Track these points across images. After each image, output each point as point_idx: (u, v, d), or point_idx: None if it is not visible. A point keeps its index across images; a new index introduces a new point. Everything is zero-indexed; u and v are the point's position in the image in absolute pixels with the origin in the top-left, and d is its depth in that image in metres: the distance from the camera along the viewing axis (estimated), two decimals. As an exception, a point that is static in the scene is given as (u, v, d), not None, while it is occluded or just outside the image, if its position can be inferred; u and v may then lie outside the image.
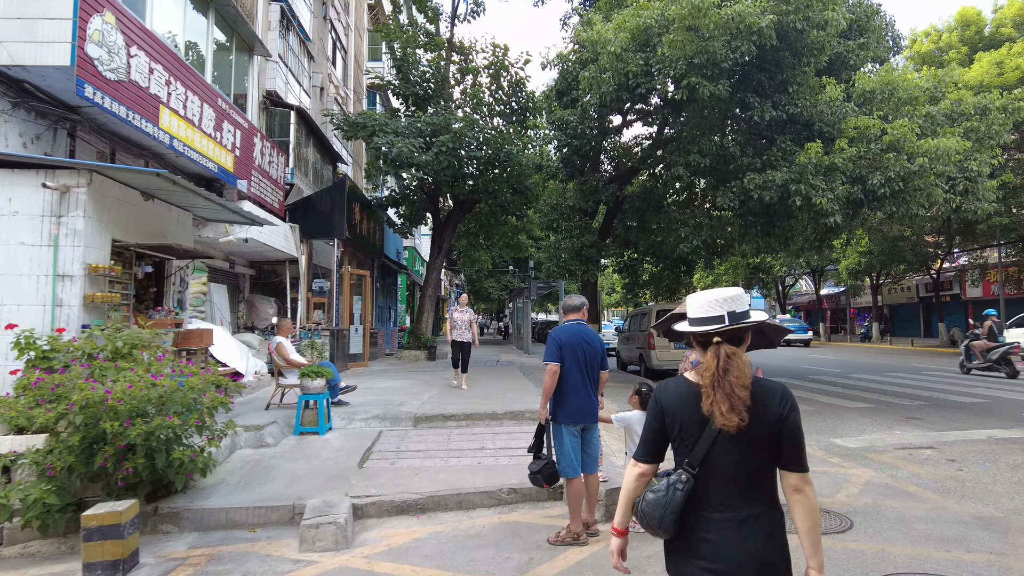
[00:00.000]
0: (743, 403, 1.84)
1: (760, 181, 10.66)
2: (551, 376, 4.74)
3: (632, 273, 23.08)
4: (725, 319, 1.95)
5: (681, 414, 1.98)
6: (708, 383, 1.89)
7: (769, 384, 1.95)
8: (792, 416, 1.90)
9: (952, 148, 10.03)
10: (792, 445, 1.89)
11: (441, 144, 16.16)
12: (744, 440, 1.88)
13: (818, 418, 9.89)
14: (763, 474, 1.93)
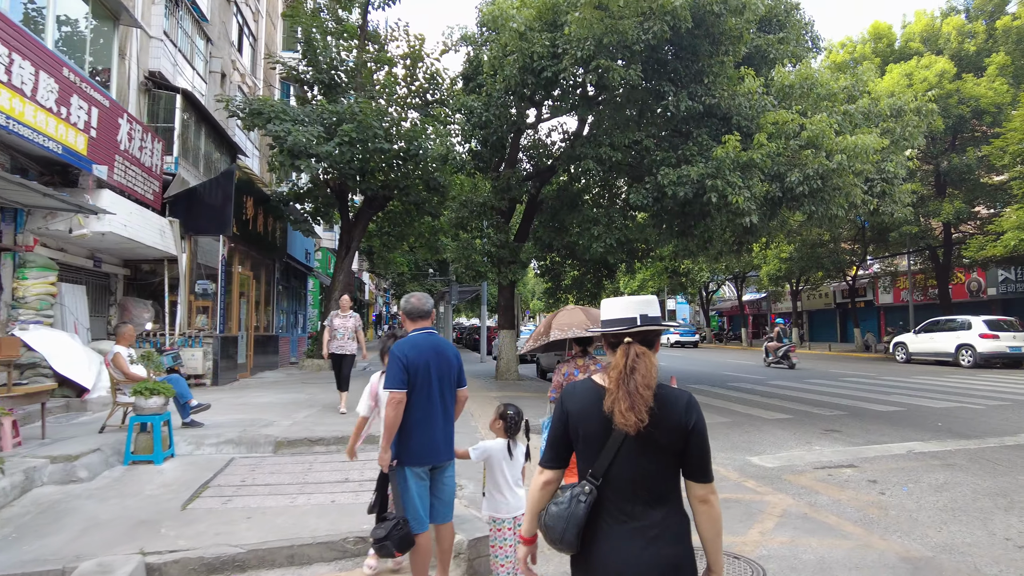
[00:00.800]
0: (645, 404, 1.80)
1: (675, 177, 9.94)
2: (395, 408, 3.56)
3: (554, 277, 22.32)
4: (637, 321, 1.96)
5: (585, 417, 1.93)
6: (614, 381, 1.87)
7: (676, 392, 1.93)
8: (699, 425, 1.89)
9: (870, 145, 9.60)
10: (699, 455, 1.88)
11: (344, 134, 14.83)
12: (649, 448, 1.85)
13: (735, 432, 9.19)
14: (668, 483, 1.89)
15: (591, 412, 1.91)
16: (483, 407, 11.12)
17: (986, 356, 19.81)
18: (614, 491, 1.88)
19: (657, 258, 19.14)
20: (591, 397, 1.94)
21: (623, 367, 1.86)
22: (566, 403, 2.00)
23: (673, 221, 11.46)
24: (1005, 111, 21.55)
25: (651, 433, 1.80)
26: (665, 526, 1.86)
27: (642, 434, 1.80)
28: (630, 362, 1.86)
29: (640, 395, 1.80)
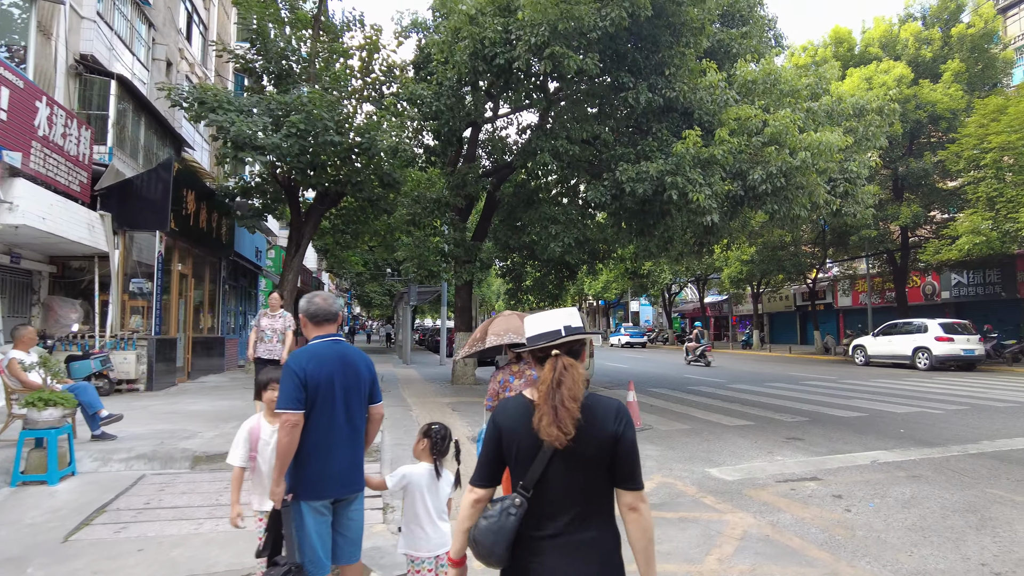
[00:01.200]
0: (571, 416, 1.78)
1: (634, 173, 9.51)
2: (289, 432, 2.92)
3: (516, 278, 21.83)
4: (562, 332, 1.96)
5: (518, 434, 1.89)
6: (542, 395, 1.84)
7: (605, 401, 1.91)
8: (628, 433, 1.87)
9: (834, 143, 9.32)
10: (628, 463, 1.86)
11: (292, 125, 14.07)
12: (579, 459, 1.82)
13: (694, 440, 8.78)
14: (599, 494, 1.87)
15: (522, 428, 1.87)
16: (433, 414, 10.52)
17: (941, 359, 19.97)
18: (545, 503, 1.85)
19: (618, 259, 18.74)
20: (522, 413, 1.90)
21: (550, 381, 1.85)
22: (498, 421, 1.96)
23: (632, 220, 11.03)
24: (960, 117, 21.82)
25: (580, 444, 1.79)
26: (596, 539, 1.85)
27: (572, 447, 1.78)
28: (557, 375, 1.85)
29: (566, 408, 1.79)
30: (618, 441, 1.83)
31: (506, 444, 1.91)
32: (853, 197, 11.06)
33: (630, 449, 1.85)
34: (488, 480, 1.96)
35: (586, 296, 62.60)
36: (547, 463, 1.83)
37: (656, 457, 7.77)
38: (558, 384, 1.83)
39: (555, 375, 1.85)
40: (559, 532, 1.83)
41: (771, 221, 10.71)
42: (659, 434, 9.29)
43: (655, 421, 10.43)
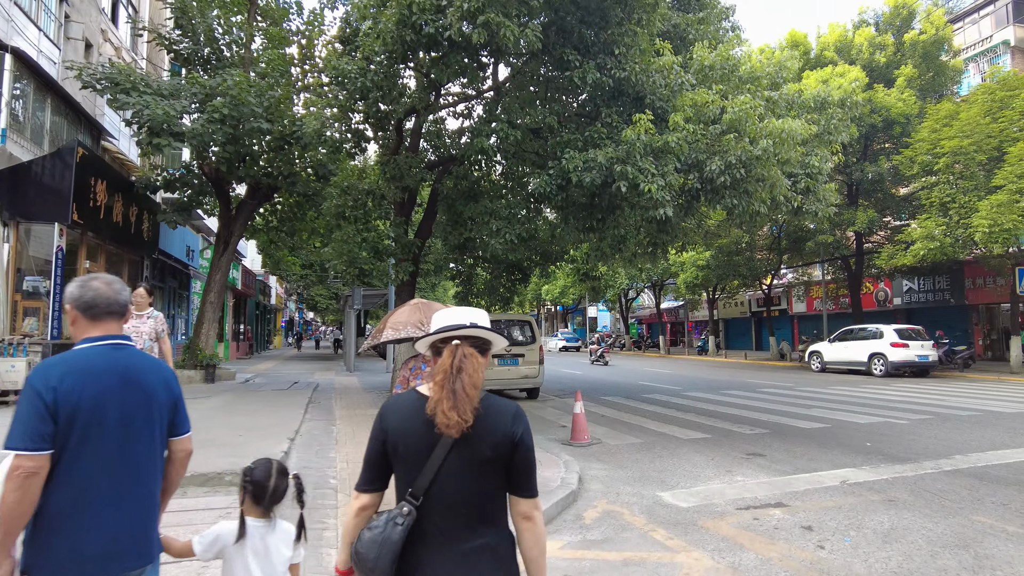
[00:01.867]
0: (471, 403, 1.69)
1: (580, 161, 8.63)
2: (20, 485, 1.83)
3: (466, 281, 20.83)
4: (467, 325, 1.87)
5: (407, 433, 1.76)
6: (438, 382, 1.73)
7: (503, 403, 1.83)
8: (525, 438, 1.79)
9: (797, 131, 8.63)
10: (524, 469, 1.78)
11: (214, 110, 12.80)
12: (474, 459, 1.72)
13: (646, 457, 7.89)
14: (493, 501, 1.77)
15: (412, 426, 1.76)
16: (358, 429, 9.38)
17: (897, 365, 19.71)
18: (436, 512, 1.72)
19: (570, 260, 17.91)
20: (413, 409, 1.78)
21: (449, 366, 1.75)
22: (385, 418, 1.82)
23: (580, 215, 10.15)
24: (913, 122, 21.76)
25: (476, 443, 1.71)
26: (491, 547, 1.74)
27: (467, 446, 1.71)
28: (457, 361, 1.76)
29: (466, 394, 1.70)
30: (515, 445, 1.76)
31: (392, 444, 1.78)
32: (814, 194, 10.44)
33: (527, 455, 1.79)
34: (374, 484, 1.83)
35: (544, 301, 62.01)
36: (440, 464, 1.72)
37: (602, 478, 6.85)
38: (458, 370, 1.74)
39: (455, 360, 1.76)
40: (452, 541, 1.72)
41: (730, 218, 9.97)
42: (608, 450, 8.39)
43: (604, 434, 9.54)
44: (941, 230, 19.02)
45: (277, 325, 58.23)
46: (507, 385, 14.02)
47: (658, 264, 30.18)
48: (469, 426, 1.67)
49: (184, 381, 15.92)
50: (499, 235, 9.54)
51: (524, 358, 13.99)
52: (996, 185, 18.03)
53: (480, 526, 1.74)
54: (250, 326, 36.68)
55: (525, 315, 15.40)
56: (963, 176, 19.11)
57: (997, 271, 22.88)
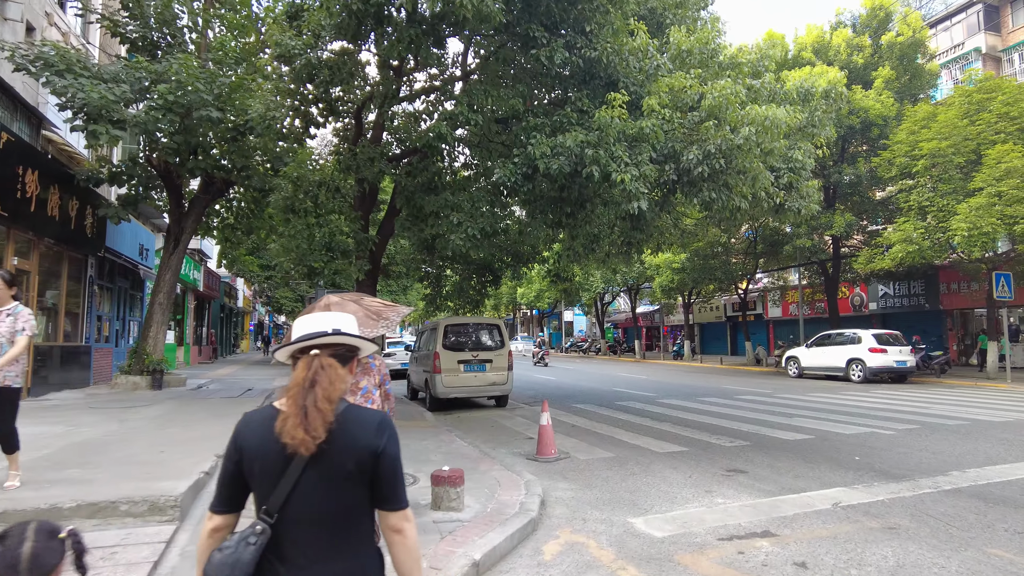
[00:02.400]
0: (323, 419, 1.58)
1: (548, 147, 7.89)
2: None
3: (435, 282, 20.02)
4: (328, 332, 1.77)
5: (262, 449, 1.64)
6: (292, 396, 1.62)
7: (366, 413, 1.74)
8: (390, 448, 1.69)
9: (781, 119, 8.00)
10: (390, 482, 1.68)
11: (158, 96, 11.83)
12: (334, 475, 1.62)
13: (618, 474, 7.15)
14: (356, 517, 1.67)
15: (267, 443, 1.64)
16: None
17: (875, 371, 19.33)
18: (293, 530, 1.62)
19: (542, 261, 17.18)
20: (268, 425, 1.65)
21: (303, 380, 1.64)
22: (240, 436, 1.70)
23: (549, 208, 9.39)
24: (891, 124, 21.48)
25: (336, 457, 1.62)
26: (354, 568, 1.67)
27: (325, 460, 1.60)
28: (311, 374, 1.65)
29: (318, 409, 1.59)
30: (379, 456, 1.66)
31: (247, 462, 1.66)
32: (797, 191, 9.85)
33: (392, 466, 1.69)
34: (227, 504, 1.71)
35: (519, 305, 61.27)
36: (296, 480, 1.60)
37: (568, 501, 6.08)
38: (312, 384, 1.63)
39: (309, 374, 1.65)
40: (310, 561, 1.61)
41: (708, 214, 9.31)
42: (576, 465, 7.63)
43: (574, 447, 8.78)
44: (920, 233, 18.68)
45: (245, 328, 56.66)
46: (474, 393, 13.24)
47: (632, 266, 29.62)
48: (324, 441, 1.59)
49: (129, 388, 14.85)
50: (460, 229, 8.74)
51: (492, 364, 13.22)
52: (975, 188, 17.74)
53: (343, 544, 1.65)
54: (214, 329, 35.38)
55: (493, 318, 14.62)
56: (941, 179, 18.81)
57: (972, 276, 22.71)
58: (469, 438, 9.44)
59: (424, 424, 10.62)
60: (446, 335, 13.18)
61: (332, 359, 1.70)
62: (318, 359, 1.68)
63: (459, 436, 9.38)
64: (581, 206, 9.24)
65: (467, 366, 13.00)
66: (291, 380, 1.66)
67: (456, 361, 12.90)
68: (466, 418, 12.08)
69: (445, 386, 12.79)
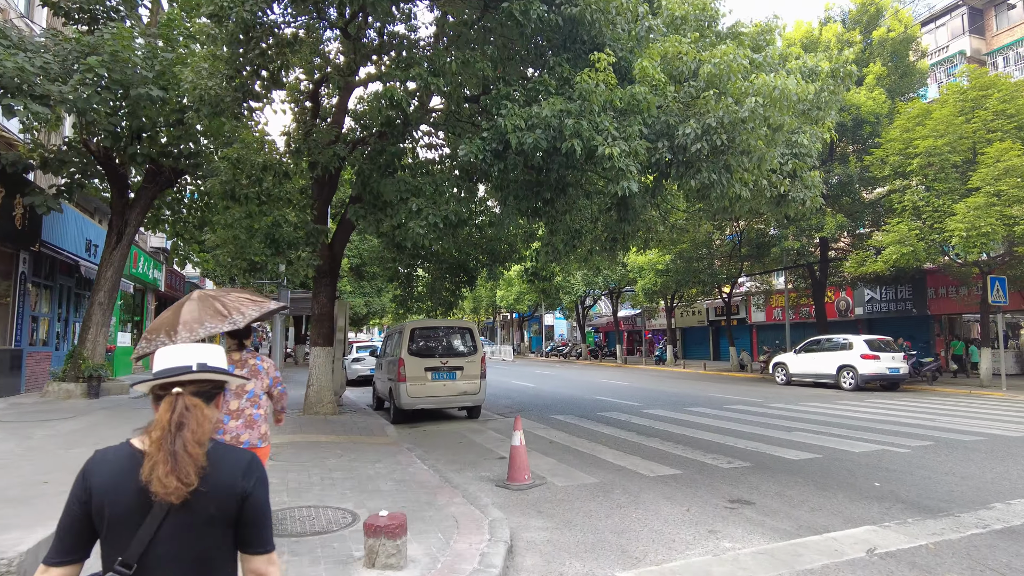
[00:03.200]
0: (195, 464, 1.50)
1: (522, 119, 6.74)
2: None
3: (406, 283, 18.80)
4: (192, 368, 1.67)
5: (117, 494, 1.52)
6: (156, 440, 1.52)
7: (234, 452, 1.65)
8: (258, 491, 1.61)
9: (792, 90, 6.96)
10: (256, 525, 1.61)
11: (88, 69, 10.51)
12: (196, 520, 1.54)
13: (603, 506, 5.99)
14: (220, 562, 1.60)
15: (123, 485, 1.53)
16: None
17: (867, 378, 18.45)
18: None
19: (519, 258, 16.02)
20: (125, 468, 1.55)
21: (167, 423, 1.55)
22: (90, 475, 1.56)
23: (523, 193, 8.21)
24: (883, 122, 20.71)
25: (200, 501, 1.53)
26: None
27: (189, 506, 1.51)
28: (177, 416, 1.56)
29: (189, 455, 1.51)
30: (245, 500, 1.58)
31: (97, 507, 1.52)
32: (801, 180, 8.83)
33: (259, 509, 1.61)
34: (68, 554, 1.55)
35: (499, 308, 60.08)
36: (157, 527, 1.51)
37: (542, 546, 4.92)
38: (178, 427, 1.54)
39: (174, 416, 1.55)
40: None
41: (705, 203, 8.22)
42: (554, 495, 6.47)
43: (551, 469, 7.63)
44: (914, 234, 17.86)
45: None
46: (443, 403, 12.02)
47: (615, 268, 28.62)
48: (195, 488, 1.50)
49: (61, 397, 13.42)
50: (420, 217, 7.55)
51: (463, 371, 12.02)
52: (972, 187, 16.97)
53: None
54: (177, 332, 33.72)
55: (466, 321, 13.42)
56: (937, 178, 18.02)
57: (962, 280, 22.01)
58: (432, 458, 8.25)
59: (383, 441, 9.40)
60: (413, 339, 11.97)
61: (196, 399, 1.61)
62: (182, 399, 1.59)
63: (420, 456, 8.18)
64: (561, 192, 8.09)
65: (435, 374, 11.80)
66: (154, 421, 1.57)
67: (423, 368, 11.69)
68: (432, 432, 10.88)
69: (410, 396, 11.57)
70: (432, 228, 7.57)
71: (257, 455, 1.71)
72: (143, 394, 1.69)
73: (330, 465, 7.42)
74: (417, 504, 5.75)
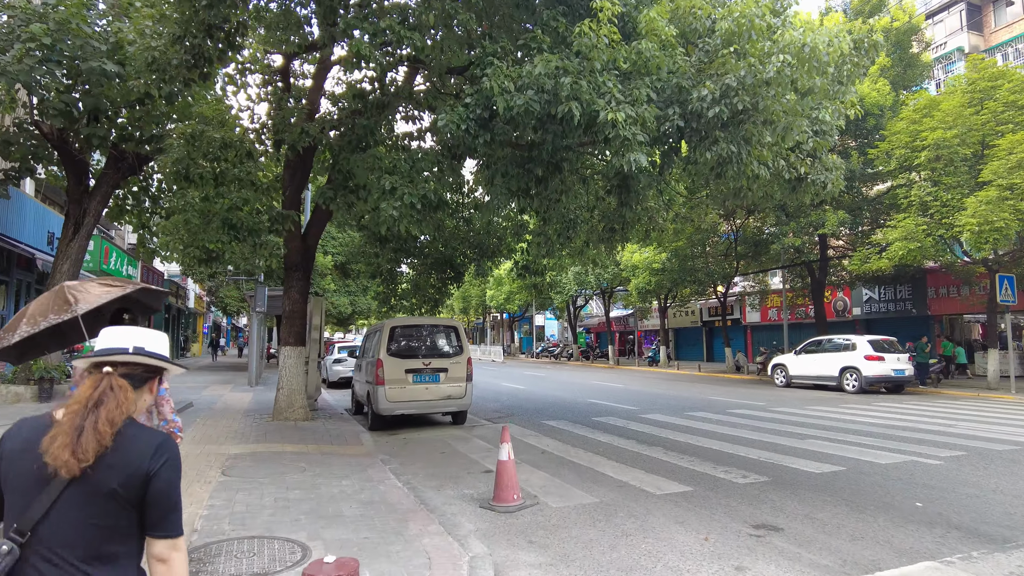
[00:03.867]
0: (97, 442, 1.50)
1: (510, 81, 5.78)
2: None
3: (389, 279, 17.82)
4: (128, 350, 1.70)
5: (22, 461, 1.55)
6: (69, 414, 1.55)
7: (147, 434, 1.64)
8: (165, 473, 1.59)
9: (821, 48, 6.04)
10: (162, 506, 1.59)
11: (31, 39, 9.48)
12: (98, 495, 1.52)
13: (606, 534, 5.05)
14: (117, 543, 1.56)
15: (28, 453, 1.54)
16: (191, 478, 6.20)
17: (872, 380, 17.64)
18: (46, 552, 1.52)
19: (509, 252, 15.07)
20: (36, 437, 1.55)
21: (87, 399, 1.57)
22: (3, 442, 1.61)
23: (512, 171, 7.24)
24: (887, 115, 19.95)
25: (103, 479, 1.52)
26: None
27: (91, 479, 1.51)
28: (98, 394, 1.58)
29: (96, 431, 1.52)
30: (149, 479, 1.57)
31: (4, 473, 1.56)
32: (821, 161, 7.96)
33: (165, 490, 1.60)
34: None
35: (489, 308, 59.08)
36: (55, 498, 1.51)
37: (534, 591, 3.98)
38: (96, 404, 1.56)
39: (96, 393, 1.58)
40: None
41: (721, 181, 7.31)
42: (547, 519, 5.53)
43: (544, 485, 6.69)
44: (922, 229, 17.08)
45: (198, 331, 53.53)
46: (424, 409, 11.04)
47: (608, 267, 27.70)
48: (89, 465, 1.50)
49: (9, 400, 12.36)
50: (392, 196, 6.58)
51: (447, 373, 11.06)
52: (983, 181, 16.21)
53: (94, 568, 1.53)
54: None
55: (451, 319, 12.46)
56: (946, 172, 17.25)
57: (964, 279, 21.30)
58: (408, 472, 7.29)
59: (356, 451, 8.42)
60: (393, 339, 10.99)
61: (124, 380, 1.64)
62: (108, 379, 1.62)
63: (395, 470, 7.22)
64: (555, 169, 7.14)
65: (417, 376, 10.83)
66: (75, 394, 1.60)
67: (404, 370, 10.72)
68: (413, 441, 9.91)
69: (389, 401, 10.59)
70: (408, 210, 6.60)
71: (171, 438, 1.69)
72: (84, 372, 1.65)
73: (289, 482, 6.44)
74: (383, 534, 4.79)
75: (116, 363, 1.66)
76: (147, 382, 1.73)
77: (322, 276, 26.64)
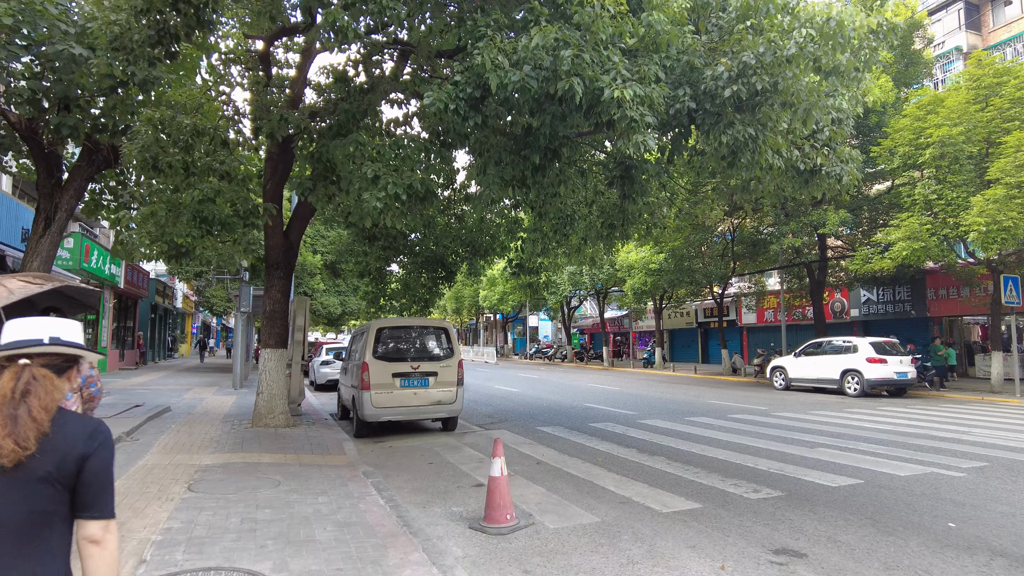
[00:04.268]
0: (37, 430, 1.52)
1: (504, 57, 5.23)
2: None
3: (378, 278, 17.23)
4: (44, 342, 1.67)
5: None
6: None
7: (78, 419, 1.67)
8: (100, 454, 1.62)
9: (847, 23, 5.53)
10: (94, 488, 1.60)
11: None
12: (28, 481, 1.52)
13: (609, 561, 4.48)
14: (49, 527, 1.56)
15: None
16: (151, 492, 5.61)
17: (874, 383, 17.19)
18: None
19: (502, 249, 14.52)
20: None
21: (11, 390, 1.56)
22: None
23: (506, 158, 6.68)
24: (890, 112, 19.50)
25: (36, 463, 1.53)
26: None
27: (24, 464, 1.51)
28: (23, 384, 1.57)
29: (33, 420, 1.53)
30: (85, 461, 1.59)
31: None
32: (835, 153, 7.46)
33: (99, 472, 1.62)
34: None
35: (482, 309, 58.47)
36: None
37: (530, 636, 3.42)
38: (24, 394, 1.55)
39: (20, 384, 1.56)
40: None
41: (733, 170, 6.77)
42: (544, 543, 4.97)
43: (540, 502, 6.13)
44: (926, 229, 16.65)
45: (187, 331, 52.73)
46: (412, 415, 10.46)
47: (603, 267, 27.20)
48: (31, 452, 1.51)
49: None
50: (376, 186, 6.01)
51: (437, 377, 10.49)
52: (991, 179, 15.78)
53: (25, 553, 1.51)
54: (141, 332, 31.92)
55: (441, 320, 11.90)
56: (951, 169, 16.81)
57: (965, 281, 20.90)
58: (392, 487, 6.72)
59: (337, 461, 7.84)
60: (379, 341, 10.42)
61: (46, 370, 1.62)
62: (29, 370, 1.59)
63: (378, 484, 6.64)
64: (553, 156, 6.59)
65: (405, 380, 10.25)
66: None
67: (391, 374, 10.14)
68: (399, 450, 9.34)
69: (375, 406, 10.01)
70: (392, 201, 6.04)
71: (103, 423, 1.71)
72: None
73: (260, 499, 5.86)
74: (360, 563, 4.23)
75: (31, 355, 1.63)
76: (65, 372, 1.71)
77: (311, 276, 26.00)
